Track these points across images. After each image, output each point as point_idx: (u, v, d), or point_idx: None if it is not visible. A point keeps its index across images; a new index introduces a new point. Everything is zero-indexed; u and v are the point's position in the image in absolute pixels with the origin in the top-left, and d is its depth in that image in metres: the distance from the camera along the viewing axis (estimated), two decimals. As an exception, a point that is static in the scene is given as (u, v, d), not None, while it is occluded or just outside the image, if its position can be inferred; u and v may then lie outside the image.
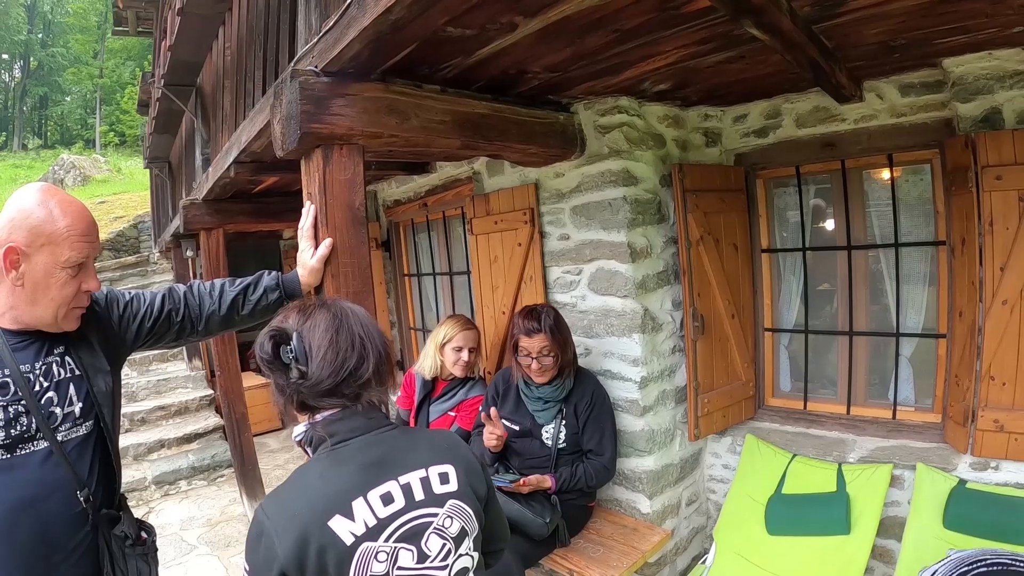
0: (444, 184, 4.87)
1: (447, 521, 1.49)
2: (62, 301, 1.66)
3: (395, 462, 1.48)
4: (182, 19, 5.04)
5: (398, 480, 1.46)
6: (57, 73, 43.13)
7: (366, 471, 1.44)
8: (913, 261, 3.42)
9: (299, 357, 1.46)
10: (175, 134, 8.37)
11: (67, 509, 1.67)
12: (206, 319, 2.13)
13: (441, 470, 1.53)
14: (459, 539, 1.50)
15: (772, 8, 2.02)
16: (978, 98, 2.81)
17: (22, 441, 1.59)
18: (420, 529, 1.45)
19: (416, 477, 1.48)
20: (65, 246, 1.62)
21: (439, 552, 1.46)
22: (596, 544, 3.27)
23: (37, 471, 1.61)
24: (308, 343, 1.48)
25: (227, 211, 5.26)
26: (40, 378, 1.65)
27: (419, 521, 1.45)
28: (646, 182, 3.42)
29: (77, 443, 1.71)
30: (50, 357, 1.69)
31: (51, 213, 1.61)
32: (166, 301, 2.04)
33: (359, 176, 2.30)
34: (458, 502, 1.52)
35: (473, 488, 1.58)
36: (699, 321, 3.52)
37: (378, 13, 1.82)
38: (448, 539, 1.48)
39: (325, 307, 1.56)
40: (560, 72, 2.78)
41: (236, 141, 3.72)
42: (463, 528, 1.51)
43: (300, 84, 2.14)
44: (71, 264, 1.64)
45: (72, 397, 1.71)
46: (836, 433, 3.51)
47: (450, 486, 1.52)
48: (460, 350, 3.81)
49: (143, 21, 10.87)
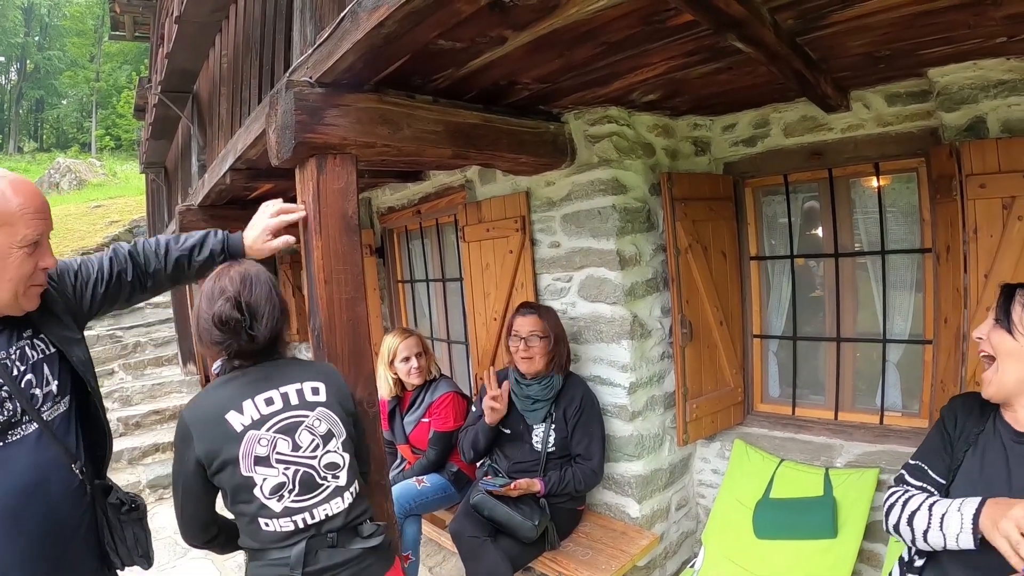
0: (437, 192, 4.90)
1: (316, 422, 1.93)
2: (19, 280, 1.64)
3: (277, 377, 1.94)
4: (179, 27, 5.07)
5: (278, 389, 1.91)
6: (53, 76, 43.07)
7: (255, 383, 1.90)
8: (900, 268, 3.46)
9: (248, 321, 1.87)
10: (171, 140, 8.39)
11: (67, 485, 1.69)
12: (153, 277, 2.13)
13: (313, 385, 1.98)
14: (326, 438, 1.94)
15: (755, 21, 2.06)
16: (963, 107, 2.84)
17: (11, 427, 1.60)
18: (293, 425, 1.89)
19: (292, 388, 1.93)
20: (20, 225, 1.61)
21: (309, 445, 1.91)
22: (585, 547, 3.30)
23: (32, 454, 1.62)
24: (255, 308, 1.89)
25: (223, 217, 5.28)
26: (16, 362, 1.65)
27: (293, 419, 1.89)
28: (635, 191, 3.47)
29: (61, 420, 1.73)
30: (21, 341, 1.69)
31: (2, 194, 1.59)
32: (114, 263, 2.03)
33: (352, 185, 2.34)
34: (326, 410, 1.97)
35: (340, 403, 2.02)
36: (687, 328, 3.56)
37: (371, 27, 1.86)
38: (317, 436, 1.92)
39: (246, 274, 1.93)
40: (550, 83, 2.82)
41: (232, 148, 3.75)
42: (330, 430, 1.96)
43: (295, 94, 2.19)
44: (28, 243, 1.63)
45: (48, 377, 1.72)
46: (824, 438, 3.55)
47: (320, 397, 1.97)
48: (408, 359, 3.87)
49: (140, 26, 10.88)
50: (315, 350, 2.32)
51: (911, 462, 1.94)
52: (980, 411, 1.84)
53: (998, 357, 1.74)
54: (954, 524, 1.62)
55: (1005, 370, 1.71)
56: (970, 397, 1.92)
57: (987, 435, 1.78)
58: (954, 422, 1.88)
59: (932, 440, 1.93)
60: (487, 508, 3.12)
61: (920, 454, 1.94)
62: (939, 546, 1.67)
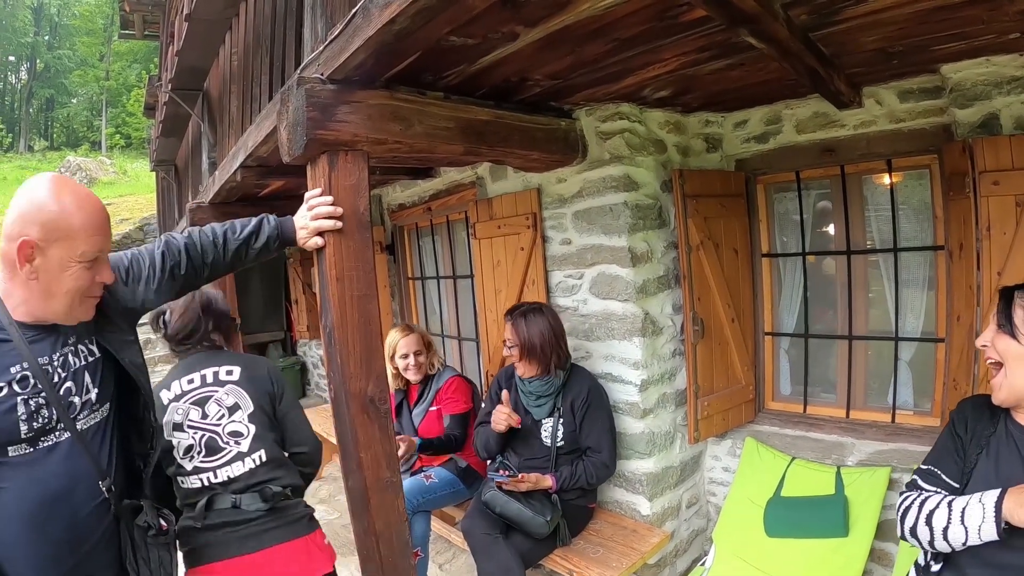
0: (448, 188, 4.91)
1: (224, 397, 2.34)
2: (76, 293, 1.64)
3: (202, 363, 2.42)
4: (190, 24, 5.09)
5: (199, 372, 2.38)
6: (63, 75, 43.22)
7: (185, 367, 2.42)
8: (912, 266, 3.44)
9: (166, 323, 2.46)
10: (182, 137, 8.42)
11: (92, 499, 1.69)
12: (211, 267, 2.11)
13: (228, 368, 2.40)
14: (232, 409, 2.33)
15: (767, 17, 2.05)
16: (976, 104, 2.82)
17: (44, 433, 1.60)
18: (204, 398, 2.33)
19: (211, 370, 2.39)
20: (80, 240, 1.61)
21: (215, 414, 2.32)
22: (596, 545, 3.30)
23: (63, 463, 1.63)
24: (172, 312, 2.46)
25: (233, 214, 5.19)
26: (58, 369, 1.65)
27: (205, 393, 2.34)
28: (647, 187, 3.46)
29: (95, 430, 1.73)
30: (65, 347, 1.69)
31: (65, 207, 1.59)
32: (167, 257, 2.00)
33: (364, 182, 2.33)
34: (236, 387, 2.37)
35: (253, 382, 2.40)
36: (699, 325, 3.55)
37: (382, 23, 1.86)
38: (223, 408, 2.33)
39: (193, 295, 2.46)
40: (561, 79, 2.82)
41: (243, 145, 3.76)
42: (236, 403, 2.34)
43: (306, 91, 2.18)
44: (87, 259, 1.63)
45: (88, 384, 1.72)
46: (835, 436, 3.53)
47: (232, 377, 2.39)
48: (406, 356, 3.91)
49: (149, 25, 10.92)
50: (326, 347, 2.31)
51: (923, 467, 1.93)
52: (990, 414, 1.83)
53: (1005, 362, 1.73)
54: (976, 515, 1.61)
55: (1014, 374, 1.70)
56: (979, 400, 1.92)
57: (999, 437, 1.78)
58: (964, 425, 1.87)
59: (943, 444, 1.93)
60: (499, 505, 3.12)
61: (932, 459, 1.93)
62: (960, 542, 1.66)
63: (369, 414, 2.28)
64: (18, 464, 1.57)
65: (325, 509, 5.43)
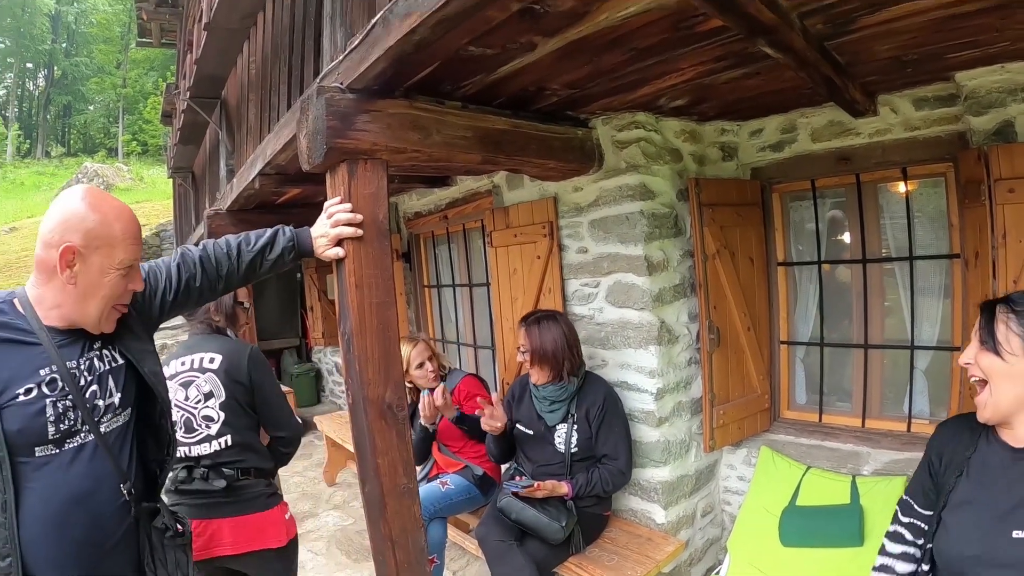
0: (464, 197, 4.94)
1: (202, 383, 2.71)
2: (111, 299, 1.72)
3: (195, 348, 2.81)
4: (209, 33, 5.14)
5: (191, 356, 2.78)
6: (80, 82, 43.73)
7: (185, 349, 2.84)
8: (928, 274, 3.43)
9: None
10: (199, 145, 8.49)
11: (113, 501, 1.73)
12: (225, 279, 2.15)
13: (211, 356, 2.76)
14: (207, 396, 2.70)
15: (784, 27, 2.06)
16: (991, 111, 2.82)
17: (70, 435, 1.64)
18: (189, 382, 2.73)
19: (198, 357, 2.76)
20: (120, 249, 1.69)
21: (194, 398, 2.71)
22: (610, 553, 3.30)
23: (87, 464, 1.67)
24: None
25: (251, 221, 5.34)
26: (84, 373, 1.70)
27: (189, 378, 2.73)
28: (663, 196, 3.47)
29: (117, 433, 1.77)
30: (91, 352, 1.75)
31: (105, 216, 1.67)
32: (182, 269, 2.05)
33: (383, 190, 2.35)
34: (213, 376, 2.72)
35: (228, 373, 2.72)
36: (715, 333, 3.56)
37: (402, 33, 1.88)
38: (200, 394, 2.71)
39: None
40: (578, 89, 2.84)
41: (261, 153, 3.80)
42: (211, 391, 2.71)
43: (326, 100, 2.21)
44: (124, 266, 1.70)
45: (111, 389, 1.77)
46: (851, 445, 3.51)
47: (213, 365, 2.74)
48: (422, 365, 3.91)
49: (167, 33, 11.04)
50: (345, 354, 2.33)
51: (904, 497, 1.96)
52: (970, 433, 1.81)
53: (990, 380, 1.69)
54: None
55: (999, 391, 1.67)
56: (958, 420, 1.91)
57: (980, 455, 1.76)
58: (939, 453, 1.86)
59: (917, 475, 1.93)
60: (514, 511, 3.13)
61: (909, 489, 1.96)
62: None
63: (387, 420, 2.30)
64: (44, 464, 1.61)
65: (339, 515, 5.45)
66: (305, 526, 5.21)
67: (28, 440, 1.58)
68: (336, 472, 6.27)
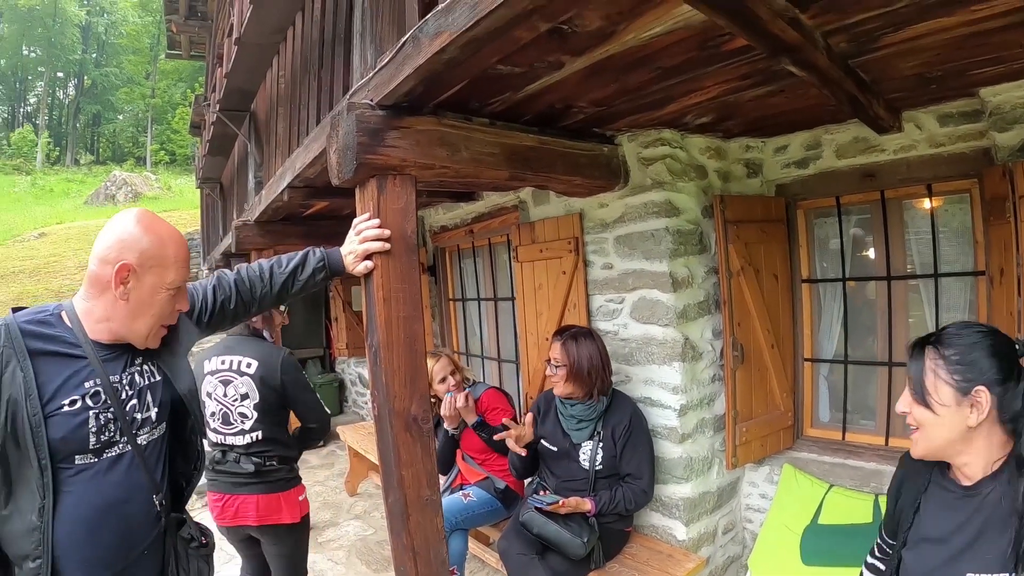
0: (490, 212, 4.98)
1: (240, 385, 3.10)
2: (160, 317, 1.80)
3: (234, 349, 3.18)
4: (239, 48, 5.22)
5: (230, 357, 3.15)
6: (110, 92, 44.52)
7: (224, 349, 3.20)
8: (953, 291, 3.40)
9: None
10: (228, 156, 8.59)
11: (145, 511, 1.80)
12: (259, 302, 2.27)
13: (248, 360, 3.13)
14: (243, 397, 3.10)
15: (808, 46, 2.07)
16: (1016, 127, 2.80)
17: (109, 446, 1.72)
18: (228, 380, 3.12)
19: (237, 359, 3.14)
20: (171, 270, 1.78)
21: (232, 396, 3.11)
22: (631, 569, 3.29)
23: (123, 474, 1.74)
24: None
25: (278, 233, 5.42)
26: (125, 387, 1.77)
27: (228, 377, 3.12)
28: (688, 213, 3.48)
29: (152, 446, 1.84)
30: (133, 367, 1.82)
31: (160, 238, 1.76)
32: (217, 292, 2.17)
33: (412, 205, 2.39)
34: (249, 379, 3.10)
35: (264, 380, 3.10)
36: (739, 350, 3.56)
37: (432, 52, 1.92)
38: (238, 393, 3.10)
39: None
40: (605, 106, 2.87)
41: (290, 167, 3.85)
42: (247, 392, 3.10)
43: (356, 116, 2.25)
44: (174, 287, 1.79)
45: (149, 403, 1.84)
46: (874, 464, 3.49)
47: (250, 371, 3.11)
48: (445, 379, 3.93)
49: (196, 45, 11.21)
50: (372, 366, 2.36)
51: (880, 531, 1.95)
52: (924, 468, 1.73)
53: (922, 428, 1.62)
54: None
55: (932, 435, 1.60)
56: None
57: (932, 493, 1.70)
58: (898, 486, 1.82)
59: (888, 508, 1.89)
60: (536, 526, 3.13)
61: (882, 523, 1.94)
62: None
63: (412, 433, 2.32)
64: (82, 472, 1.68)
65: (360, 525, 5.47)
66: (326, 535, 5.25)
67: (70, 449, 1.65)
68: (358, 482, 6.30)
